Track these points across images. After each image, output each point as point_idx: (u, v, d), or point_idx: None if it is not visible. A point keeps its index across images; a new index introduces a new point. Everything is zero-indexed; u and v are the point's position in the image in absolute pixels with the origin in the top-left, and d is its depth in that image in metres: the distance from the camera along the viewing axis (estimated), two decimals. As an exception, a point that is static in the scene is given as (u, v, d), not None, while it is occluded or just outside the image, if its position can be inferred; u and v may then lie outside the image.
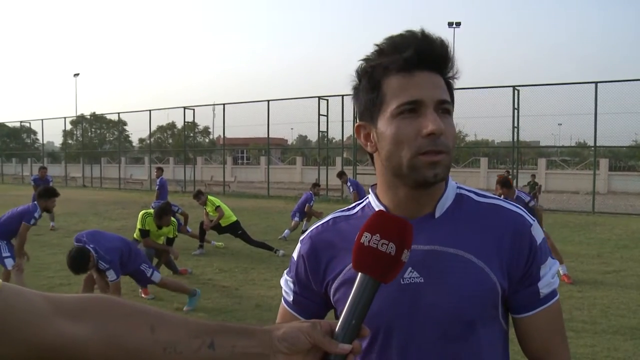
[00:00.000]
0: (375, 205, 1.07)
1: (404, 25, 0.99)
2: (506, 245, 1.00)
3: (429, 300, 0.98)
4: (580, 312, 5.59)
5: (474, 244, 1.00)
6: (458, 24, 42.59)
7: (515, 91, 19.13)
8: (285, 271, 1.17)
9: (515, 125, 19.24)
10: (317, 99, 22.83)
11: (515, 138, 19.50)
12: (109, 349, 0.68)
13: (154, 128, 36.34)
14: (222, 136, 28.53)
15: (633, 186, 28.23)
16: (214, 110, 32.88)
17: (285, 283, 1.15)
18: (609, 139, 20.10)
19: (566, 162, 37.09)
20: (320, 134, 23.65)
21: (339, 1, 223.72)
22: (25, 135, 43.45)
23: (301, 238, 1.14)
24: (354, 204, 1.15)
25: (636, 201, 22.06)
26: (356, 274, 0.82)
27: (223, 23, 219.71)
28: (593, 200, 17.79)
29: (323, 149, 25.77)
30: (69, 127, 40.24)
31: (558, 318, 1.05)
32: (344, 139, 24.36)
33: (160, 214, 7.24)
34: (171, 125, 48.58)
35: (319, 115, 22.71)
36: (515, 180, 19.29)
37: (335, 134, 25.72)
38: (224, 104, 26.42)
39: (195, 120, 30.54)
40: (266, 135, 25.28)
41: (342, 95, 21.90)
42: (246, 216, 13.29)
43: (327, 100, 22.76)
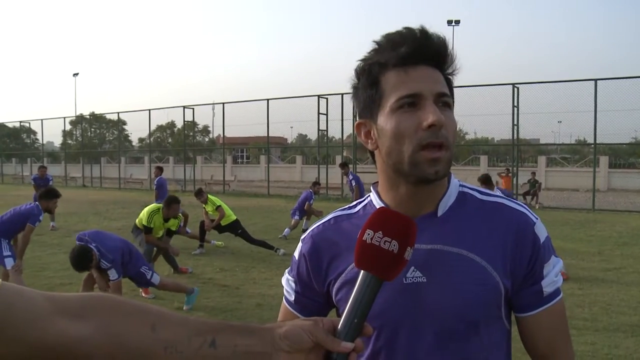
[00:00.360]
0: (377, 203, 1.06)
1: (404, 24, 0.98)
2: (509, 244, 0.99)
3: (431, 300, 0.97)
4: (581, 310, 5.59)
5: (477, 243, 0.99)
6: (457, 22, 42.61)
7: (515, 89, 19.12)
8: (286, 270, 1.16)
9: (515, 122, 19.24)
10: (317, 97, 22.82)
11: (515, 136, 19.49)
12: (109, 348, 0.67)
13: (153, 127, 36.28)
14: (222, 135, 28.54)
15: (633, 183, 28.25)
16: (213, 109, 33.03)
17: (287, 282, 1.14)
18: (609, 137, 20.14)
19: (566, 160, 37.10)
20: (320, 132, 23.67)
21: (338, 0, 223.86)
22: (25, 135, 43.42)
23: (302, 237, 1.14)
24: (355, 202, 1.14)
25: (636, 198, 22.04)
26: (359, 274, 0.82)
27: (222, 22, 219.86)
28: (593, 197, 17.79)
29: (323, 148, 25.77)
30: (68, 127, 40.31)
31: (562, 317, 1.04)
32: (344, 137, 24.35)
33: (170, 202, 7.51)
34: (171, 125, 48.52)
35: (319, 113, 22.70)
36: (515, 178, 19.31)
37: (335, 133, 25.71)
38: (223, 103, 26.44)
39: (195, 120, 30.54)
40: (266, 134, 25.29)
41: (342, 94, 21.88)
42: (246, 215, 13.29)
43: (327, 98, 22.76)
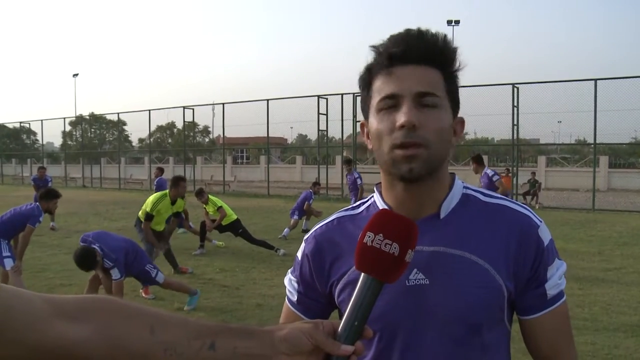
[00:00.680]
0: (380, 204, 1.06)
1: (404, 24, 1.00)
2: (513, 247, 0.99)
3: (434, 302, 0.97)
4: (581, 310, 5.59)
5: (480, 245, 0.99)
6: (457, 22, 42.62)
7: (515, 89, 19.12)
8: (289, 270, 1.16)
9: (515, 123, 19.25)
10: (317, 97, 22.79)
11: (515, 136, 19.50)
12: (108, 351, 0.67)
13: (153, 128, 36.28)
14: (222, 135, 28.54)
15: (633, 183, 28.25)
16: (213, 109, 33.03)
17: (290, 283, 1.14)
18: (609, 136, 20.15)
19: (566, 160, 37.11)
20: (320, 132, 23.66)
21: (338, 0, 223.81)
22: (24, 136, 43.42)
23: (305, 237, 1.13)
24: (358, 203, 1.14)
25: (636, 198, 22.05)
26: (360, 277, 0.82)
27: (222, 22, 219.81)
28: (593, 197, 17.80)
29: (323, 148, 25.77)
30: (68, 128, 40.30)
31: (565, 319, 1.04)
32: (344, 137, 24.35)
33: (177, 180, 7.47)
34: (171, 125, 48.57)
35: (319, 114, 22.69)
36: (515, 178, 19.32)
37: (334, 133, 25.71)
38: (223, 104, 26.44)
39: (195, 120, 30.57)
40: (266, 135, 25.28)
41: (342, 94, 21.90)
42: (246, 215, 13.28)
43: (327, 99, 22.75)
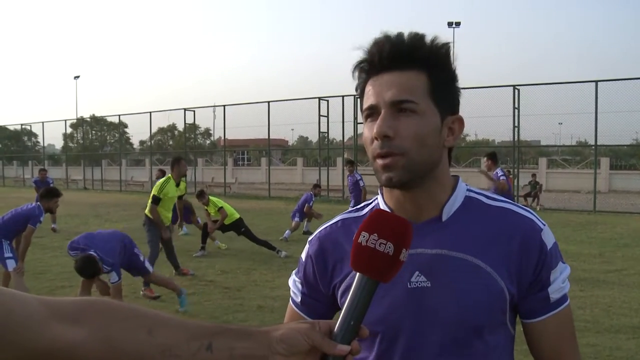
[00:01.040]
0: (383, 206, 1.06)
1: (404, 26, 0.99)
2: (515, 250, 0.98)
3: (435, 305, 0.97)
4: (582, 311, 5.58)
5: (482, 248, 0.98)
6: (458, 24, 42.64)
7: (516, 90, 19.10)
8: (293, 272, 1.17)
9: (516, 124, 19.22)
10: (318, 99, 22.82)
11: (516, 137, 19.46)
12: (106, 353, 0.67)
13: (154, 130, 36.40)
14: (223, 137, 28.55)
15: (634, 185, 28.19)
16: (214, 111, 32.97)
17: (294, 284, 1.15)
18: (610, 138, 20.17)
19: (567, 161, 37.06)
20: (321, 134, 23.66)
21: (339, 2, 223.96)
22: (26, 138, 43.51)
23: (310, 239, 1.14)
24: (362, 205, 1.14)
25: (637, 200, 22.02)
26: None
27: (223, 24, 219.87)
28: (594, 199, 17.77)
29: (324, 150, 25.74)
30: (69, 130, 40.34)
31: (568, 323, 1.03)
32: (345, 139, 24.35)
33: (178, 159, 7.77)
34: (172, 127, 48.60)
35: (320, 116, 22.70)
36: (516, 180, 19.29)
37: (335, 135, 25.70)
38: (224, 106, 26.48)
39: (196, 122, 30.63)
40: (267, 137, 25.31)
41: (343, 96, 21.90)
42: (247, 217, 13.19)
43: (328, 101, 22.77)
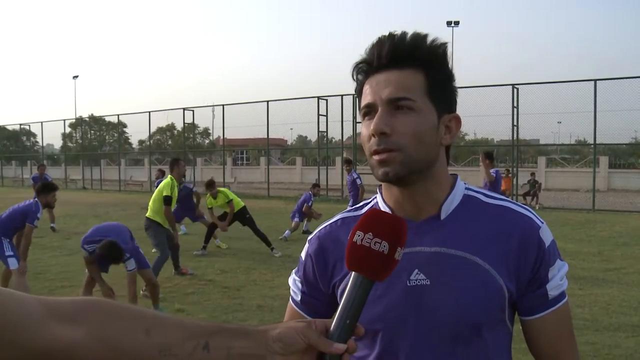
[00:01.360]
0: (382, 205, 1.07)
1: (403, 25, 1.00)
2: (514, 248, 0.99)
3: (434, 303, 0.97)
4: (581, 310, 5.59)
5: (481, 246, 0.99)
6: (457, 23, 42.61)
7: (515, 89, 19.12)
8: (293, 271, 1.17)
9: (515, 123, 19.24)
10: (317, 99, 22.81)
11: (515, 136, 19.48)
12: (104, 352, 0.68)
13: (153, 129, 36.24)
14: (222, 137, 28.54)
15: (633, 183, 28.25)
16: (213, 111, 32.92)
17: (293, 282, 1.15)
18: (609, 137, 20.12)
19: (566, 160, 37.09)
20: (320, 134, 23.66)
21: (338, 1, 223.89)
22: (25, 138, 43.44)
23: (309, 238, 1.15)
24: (362, 204, 1.15)
25: (636, 198, 22.04)
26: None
27: (222, 24, 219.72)
28: (593, 197, 17.79)
29: (323, 149, 25.76)
30: (68, 130, 40.31)
31: (566, 320, 1.04)
32: (344, 138, 24.36)
33: (177, 160, 8.22)
34: (171, 127, 48.53)
35: (319, 115, 22.70)
36: (515, 179, 19.31)
37: (334, 134, 25.75)
38: (223, 105, 26.46)
39: (195, 122, 30.57)
40: (266, 136, 25.31)
41: (342, 95, 21.89)
42: (246, 217, 13.26)
43: (327, 100, 22.76)
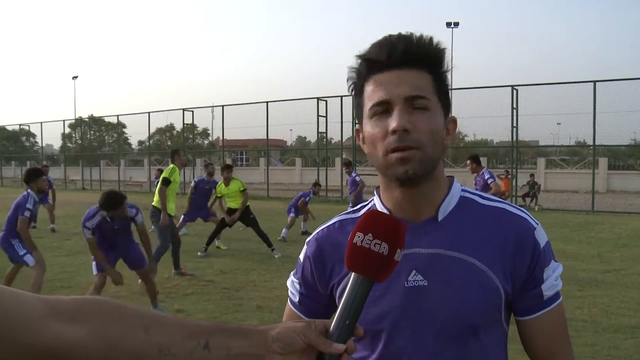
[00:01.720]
0: (379, 207, 1.08)
1: (403, 26, 1.01)
2: (509, 249, 1.00)
3: (432, 303, 0.98)
4: (580, 311, 5.59)
5: (478, 247, 1.00)
6: (456, 24, 42.60)
7: (514, 91, 19.14)
8: (291, 272, 1.18)
9: (514, 124, 19.27)
10: (316, 100, 22.85)
11: (514, 138, 19.52)
12: (104, 351, 0.68)
13: (153, 130, 36.19)
14: (222, 138, 28.54)
15: (632, 185, 28.25)
16: (212, 111, 33.02)
17: (292, 284, 1.16)
18: (608, 138, 20.15)
19: (565, 162, 37.14)
20: (320, 135, 23.68)
21: (337, 2, 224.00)
22: (24, 139, 43.47)
23: (307, 240, 1.15)
24: (360, 206, 1.15)
25: (635, 200, 22.07)
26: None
27: (221, 24, 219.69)
28: (592, 199, 17.80)
29: (322, 150, 25.78)
30: (67, 130, 40.29)
31: (561, 320, 1.05)
32: (343, 139, 24.37)
33: (177, 150, 8.60)
34: (170, 127, 48.46)
35: (318, 116, 22.73)
36: (514, 180, 19.33)
37: (334, 135, 25.78)
38: (222, 106, 26.48)
39: (194, 122, 30.64)
40: (265, 137, 25.32)
41: (341, 96, 21.93)
42: (246, 217, 13.26)
43: (326, 101, 22.79)
